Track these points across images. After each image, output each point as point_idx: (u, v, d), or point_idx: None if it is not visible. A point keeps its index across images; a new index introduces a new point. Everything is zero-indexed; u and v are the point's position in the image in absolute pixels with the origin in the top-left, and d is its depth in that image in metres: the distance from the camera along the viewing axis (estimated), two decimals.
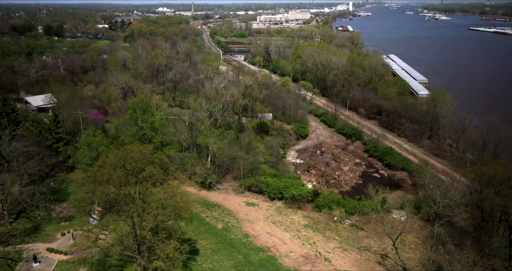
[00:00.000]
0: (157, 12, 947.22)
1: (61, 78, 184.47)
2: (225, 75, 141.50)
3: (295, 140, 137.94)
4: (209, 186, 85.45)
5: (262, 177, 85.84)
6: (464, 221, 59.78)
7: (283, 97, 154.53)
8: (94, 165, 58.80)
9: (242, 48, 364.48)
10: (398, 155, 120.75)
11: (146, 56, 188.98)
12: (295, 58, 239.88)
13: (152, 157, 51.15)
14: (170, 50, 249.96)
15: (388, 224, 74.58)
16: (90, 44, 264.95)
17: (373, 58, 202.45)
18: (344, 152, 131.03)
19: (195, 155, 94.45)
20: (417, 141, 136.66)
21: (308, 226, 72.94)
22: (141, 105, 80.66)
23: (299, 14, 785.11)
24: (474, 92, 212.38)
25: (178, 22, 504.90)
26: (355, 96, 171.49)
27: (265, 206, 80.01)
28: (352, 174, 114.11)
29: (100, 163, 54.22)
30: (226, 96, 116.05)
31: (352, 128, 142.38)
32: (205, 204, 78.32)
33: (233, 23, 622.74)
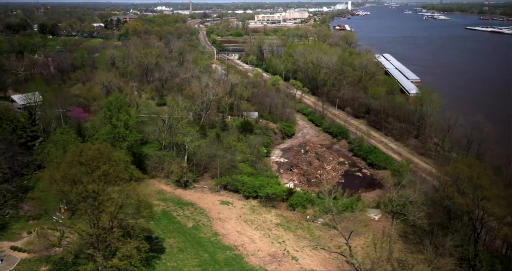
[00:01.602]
0: (156, 11, 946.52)
1: (51, 77, 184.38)
2: (211, 74, 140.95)
3: (280, 138, 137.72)
4: (185, 185, 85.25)
5: (238, 176, 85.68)
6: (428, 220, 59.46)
7: (271, 96, 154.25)
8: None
9: (237, 47, 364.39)
10: (381, 154, 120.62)
11: (136, 55, 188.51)
12: (288, 57, 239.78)
13: (111, 155, 50.77)
14: (163, 49, 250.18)
15: (361, 223, 74.74)
16: (82, 43, 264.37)
17: (363, 57, 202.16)
18: (329, 150, 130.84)
19: (174, 154, 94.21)
20: (403, 140, 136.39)
21: (280, 224, 72.79)
22: (115, 104, 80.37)
23: (297, 13, 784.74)
24: (466, 91, 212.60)
25: (174, 21, 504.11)
26: (344, 95, 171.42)
27: (240, 205, 79.86)
28: (334, 172, 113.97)
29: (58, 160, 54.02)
30: (209, 95, 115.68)
31: (338, 127, 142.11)
32: (178, 203, 78.18)
33: (231, 22, 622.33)
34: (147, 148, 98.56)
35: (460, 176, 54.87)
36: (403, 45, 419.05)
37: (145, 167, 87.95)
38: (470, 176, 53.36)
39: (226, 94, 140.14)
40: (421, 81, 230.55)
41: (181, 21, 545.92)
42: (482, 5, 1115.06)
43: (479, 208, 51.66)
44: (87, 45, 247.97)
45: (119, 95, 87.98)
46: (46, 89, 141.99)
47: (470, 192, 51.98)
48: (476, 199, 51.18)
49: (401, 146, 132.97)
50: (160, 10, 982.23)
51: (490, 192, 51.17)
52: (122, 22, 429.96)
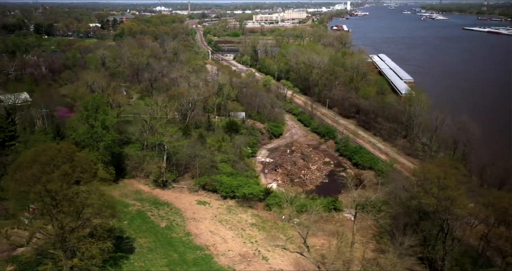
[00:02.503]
0: (154, 11, 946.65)
1: (41, 77, 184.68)
2: (198, 74, 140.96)
3: (268, 139, 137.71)
4: (163, 185, 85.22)
5: (217, 176, 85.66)
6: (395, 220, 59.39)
7: (260, 96, 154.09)
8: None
9: (232, 47, 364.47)
10: (366, 154, 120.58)
11: (127, 55, 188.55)
12: (281, 57, 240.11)
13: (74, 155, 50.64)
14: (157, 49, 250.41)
15: (337, 223, 74.76)
16: (75, 43, 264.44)
17: (355, 58, 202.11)
18: (315, 150, 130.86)
19: (155, 154, 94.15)
20: (391, 140, 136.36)
21: (254, 224, 72.72)
22: (92, 104, 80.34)
23: (295, 14, 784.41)
24: (457, 91, 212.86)
25: (171, 21, 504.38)
26: (335, 95, 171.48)
27: (217, 205, 79.83)
28: (319, 172, 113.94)
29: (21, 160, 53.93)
30: (193, 95, 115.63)
31: (326, 128, 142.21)
32: (155, 203, 78.14)
33: (229, 22, 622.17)
34: (129, 148, 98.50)
35: (427, 176, 54.82)
36: (399, 45, 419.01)
37: (125, 167, 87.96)
38: (437, 176, 53.26)
39: (213, 94, 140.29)
40: (414, 82, 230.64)
41: (178, 21, 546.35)
42: (481, 5, 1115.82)
43: (443, 208, 51.49)
44: (81, 45, 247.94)
45: (96, 95, 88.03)
46: (34, 89, 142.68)
47: (436, 191, 51.87)
48: (440, 199, 51.05)
49: (389, 146, 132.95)
50: (158, 10, 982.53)
51: (454, 192, 51.09)
52: (118, 22, 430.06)
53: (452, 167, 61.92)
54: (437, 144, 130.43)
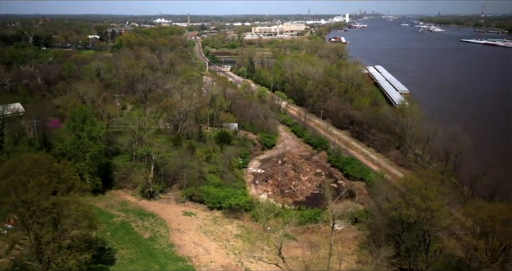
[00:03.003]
0: (154, 23, 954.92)
1: (37, 88, 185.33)
2: (191, 85, 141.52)
3: (260, 149, 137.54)
4: (150, 195, 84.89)
5: (205, 187, 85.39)
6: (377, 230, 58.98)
7: (253, 107, 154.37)
8: None
9: (230, 59, 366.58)
10: (358, 165, 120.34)
11: (122, 66, 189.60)
12: (277, 68, 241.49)
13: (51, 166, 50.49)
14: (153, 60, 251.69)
15: (322, 234, 74.24)
16: (72, 54, 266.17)
17: (349, 69, 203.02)
18: (307, 161, 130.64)
19: (144, 164, 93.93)
20: (384, 151, 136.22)
21: (239, 236, 72.20)
22: (79, 114, 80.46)
23: (294, 26, 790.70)
24: (452, 102, 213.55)
25: (170, 33, 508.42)
26: (329, 106, 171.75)
27: (203, 216, 79.41)
28: (310, 183, 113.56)
29: None
30: (185, 105, 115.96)
31: (319, 139, 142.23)
32: (140, 214, 77.72)
33: (228, 34, 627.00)
34: (118, 158, 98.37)
35: (408, 186, 54.61)
36: (396, 57, 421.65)
37: (112, 177, 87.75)
38: (418, 187, 53.05)
39: (206, 105, 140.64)
40: (410, 93, 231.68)
41: (177, 33, 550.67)
42: (478, 18, 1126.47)
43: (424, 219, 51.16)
44: (77, 56, 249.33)
45: (83, 106, 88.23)
46: (28, 100, 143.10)
47: (417, 202, 51.61)
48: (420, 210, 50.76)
49: (382, 157, 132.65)
50: (158, 23, 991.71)
51: (435, 203, 50.81)
52: (117, 34, 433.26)
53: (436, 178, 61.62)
54: (430, 155, 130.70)
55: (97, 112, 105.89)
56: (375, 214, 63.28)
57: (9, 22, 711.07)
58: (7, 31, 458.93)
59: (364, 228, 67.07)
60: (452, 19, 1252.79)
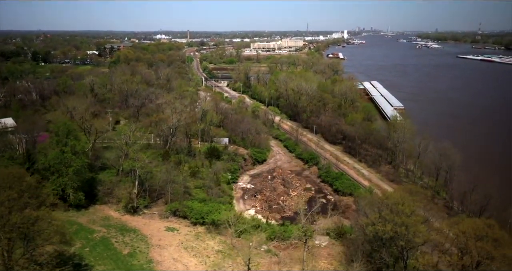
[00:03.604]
0: (154, 39, 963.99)
1: (31, 103, 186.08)
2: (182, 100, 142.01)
3: (251, 164, 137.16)
4: (134, 211, 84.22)
5: (189, 202, 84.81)
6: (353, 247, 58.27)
7: (245, 122, 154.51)
8: None
9: (227, 74, 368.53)
10: (347, 180, 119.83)
11: (116, 82, 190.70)
12: (272, 84, 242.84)
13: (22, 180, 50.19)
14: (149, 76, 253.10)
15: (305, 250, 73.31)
16: (68, 70, 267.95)
17: (343, 84, 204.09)
18: (298, 176, 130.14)
19: (131, 179, 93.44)
20: (376, 166, 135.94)
21: (220, 251, 71.36)
22: (63, 129, 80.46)
23: (292, 42, 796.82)
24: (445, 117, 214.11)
25: (168, 49, 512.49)
26: (322, 121, 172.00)
27: (185, 231, 78.61)
28: (298, 199, 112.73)
29: None
30: (174, 120, 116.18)
31: (310, 154, 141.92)
32: (121, 229, 76.94)
33: (226, 50, 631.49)
34: (104, 173, 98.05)
35: (385, 202, 54.17)
36: (392, 72, 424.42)
37: (96, 192, 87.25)
38: (394, 202, 52.61)
39: (197, 120, 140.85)
40: (404, 108, 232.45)
41: (176, 49, 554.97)
42: (475, 34, 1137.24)
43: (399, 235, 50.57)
44: (74, 72, 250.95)
45: (67, 121, 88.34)
46: (19, 114, 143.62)
47: (392, 218, 51.12)
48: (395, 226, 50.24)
49: (373, 172, 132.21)
50: (158, 38, 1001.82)
51: (409, 219, 50.30)
52: (115, 49, 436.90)
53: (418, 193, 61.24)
54: (421, 170, 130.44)
55: (84, 127, 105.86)
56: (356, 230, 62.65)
57: (10, 38, 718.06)
58: (6, 47, 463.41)
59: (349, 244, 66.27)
60: (450, 35, 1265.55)
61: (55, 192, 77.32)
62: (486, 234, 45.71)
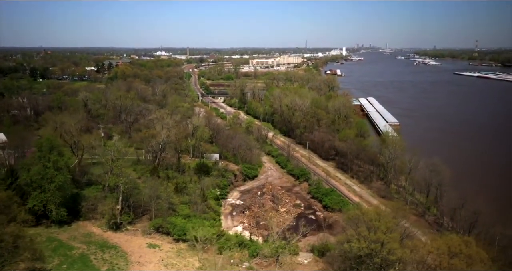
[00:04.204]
0: (154, 55, 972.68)
1: (24, 118, 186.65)
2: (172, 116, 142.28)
3: (241, 180, 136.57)
4: (117, 227, 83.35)
5: (172, 218, 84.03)
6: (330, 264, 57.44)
7: (237, 138, 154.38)
8: None
9: (224, 91, 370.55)
10: (337, 196, 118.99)
11: (110, 98, 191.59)
12: (267, 100, 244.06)
13: None
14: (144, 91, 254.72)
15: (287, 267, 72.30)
16: (64, 86, 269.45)
17: (336, 101, 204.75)
18: (288, 193, 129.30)
19: (116, 195, 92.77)
20: (367, 182, 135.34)
21: (201, 269, 70.30)
22: (46, 145, 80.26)
23: (291, 58, 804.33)
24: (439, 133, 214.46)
25: (167, 65, 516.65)
26: (315, 137, 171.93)
27: (167, 248, 77.63)
28: (287, 215, 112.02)
29: None
30: (163, 136, 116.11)
31: (301, 169, 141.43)
32: (102, 246, 75.91)
33: (225, 66, 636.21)
34: (91, 189, 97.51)
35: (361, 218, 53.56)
36: (389, 88, 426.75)
37: (80, 208, 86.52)
38: (370, 218, 52.00)
39: (188, 135, 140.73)
40: (400, 124, 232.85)
41: (174, 65, 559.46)
42: (472, 51, 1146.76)
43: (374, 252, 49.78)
44: (69, 88, 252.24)
45: (50, 136, 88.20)
46: (11, 130, 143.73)
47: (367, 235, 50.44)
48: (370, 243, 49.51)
49: (365, 188, 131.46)
50: (158, 55, 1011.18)
51: (385, 236, 49.57)
52: (113, 66, 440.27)
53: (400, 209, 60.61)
54: (412, 186, 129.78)
55: (71, 142, 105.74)
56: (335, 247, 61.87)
57: (11, 55, 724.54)
58: (6, 63, 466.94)
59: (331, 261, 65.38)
60: (447, 52, 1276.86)
61: (37, 208, 76.68)
62: (461, 251, 45.00)
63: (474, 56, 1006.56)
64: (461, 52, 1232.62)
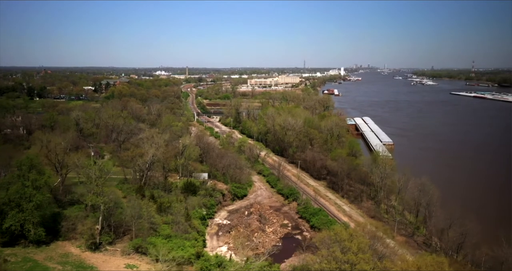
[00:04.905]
0: (154, 75, 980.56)
1: (16, 137, 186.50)
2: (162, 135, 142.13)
3: (230, 200, 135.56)
4: (96, 247, 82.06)
5: (152, 238, 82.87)
6: None
7: (227, 157, 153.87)
8: None
9: (220, 110, 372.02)
10: (325, 216, 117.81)
11: (103, 117, 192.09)
12: (261, 119, 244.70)
13: None
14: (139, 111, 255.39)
15: None
16: (59, 105, 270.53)
17: (329, 120, 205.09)
18: (276, 212, 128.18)
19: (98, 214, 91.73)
20: (357, 202, 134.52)
21: None
22: (26, 163, 79.87)
23: (289, 78, 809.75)
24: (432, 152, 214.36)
25: (164, 85, 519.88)
26: (307, 156, 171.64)
27: (145, 268, 76.09)
28: (273, 235, 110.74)
29: None
30: (150, 155, 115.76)
31: (290, 189, 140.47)
32: (78, 266, 74.43)
33: (223, 85, 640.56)
34: (73, 208, 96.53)
35: (333, 238, 52.73)
36: (385, 108, 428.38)
37: (60, 228, 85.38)
38: (341, 239, 51.18)
39: (178, 154, 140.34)
40: (394, 144, 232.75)
41: (172, 85, 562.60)
42: (469, 71, 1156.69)
43: None
44: (64, 107, 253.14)
45: (31, 155, 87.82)
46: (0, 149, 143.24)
47: (337, 255, 49.57)
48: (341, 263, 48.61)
49: (354, 208, 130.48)
50: (158, 75, 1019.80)
51: (354, 256, 48.69)
52: (111, 85, 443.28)
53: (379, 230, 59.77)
54: (402, 206, 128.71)
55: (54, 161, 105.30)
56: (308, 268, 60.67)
57: (11, 74, 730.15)
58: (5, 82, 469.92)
59: None
60: (445, 73, 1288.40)
61: (13, 228, 75.72)
62: None
63: (471, 77, 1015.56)
64: (458, 72, 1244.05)
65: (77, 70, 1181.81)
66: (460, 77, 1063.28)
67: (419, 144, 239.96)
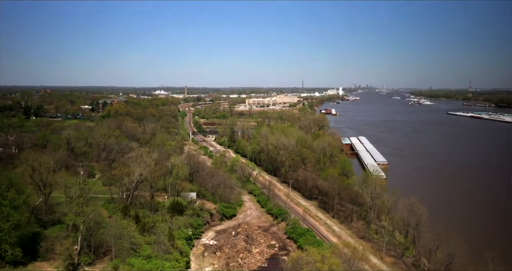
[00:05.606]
0: (153, 94, 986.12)
1: (7, 156, 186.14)
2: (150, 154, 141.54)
3: (218, 220, 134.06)
4: (74, 268, 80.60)
5: (132, 259, 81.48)
6: None
7: (217, 176, 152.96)
8: None
9: (216, 129, 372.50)
10: (313, 236, 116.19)
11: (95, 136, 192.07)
12: (255, 138, 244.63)
13: None
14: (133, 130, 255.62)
15: None
16: (53, 124, 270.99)
17: (321, 140, 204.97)
18: (264, 233, 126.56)
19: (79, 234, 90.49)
20: (347, 222, 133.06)
21: None
22: (5, 182, 79.14)
23: (287, 98, 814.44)
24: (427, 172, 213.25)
25: (162, 104, 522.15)
26: (299, 176, 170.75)
27: None
28: (260, 256, 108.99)
29: None
30: (136, 174, 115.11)
31: (279, 209, 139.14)
32: None
33: (221, 105, 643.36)
34: (55, 228, 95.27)
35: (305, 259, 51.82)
36: (381, 128, 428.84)
37: (38, 248, 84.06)
38: (314, 260, 50.29)
39: (167, 174, 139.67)
40: (388, 163, 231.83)
41: (170, 104, 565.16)
42: (467, 92, 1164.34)
43: None
44: (58, 126, 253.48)
45: (9, 174, 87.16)
46: None
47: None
48: None
49: (344, 228, 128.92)
50: (157, 94, 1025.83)
51: None
52: (108, 104, 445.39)
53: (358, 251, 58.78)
54: (392, 226, 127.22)
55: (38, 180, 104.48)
56: None
57: (10, 93, 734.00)
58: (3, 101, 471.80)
59: None
60: (442, 93, 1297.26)
61: None
62: None
63: (468, 97, 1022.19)
64: (456, 92, 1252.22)
65: (77, 89, 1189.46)
66: (458, 97, 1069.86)
67: (414, 164, 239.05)
